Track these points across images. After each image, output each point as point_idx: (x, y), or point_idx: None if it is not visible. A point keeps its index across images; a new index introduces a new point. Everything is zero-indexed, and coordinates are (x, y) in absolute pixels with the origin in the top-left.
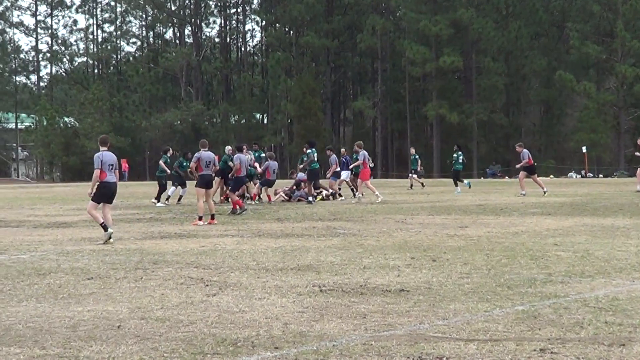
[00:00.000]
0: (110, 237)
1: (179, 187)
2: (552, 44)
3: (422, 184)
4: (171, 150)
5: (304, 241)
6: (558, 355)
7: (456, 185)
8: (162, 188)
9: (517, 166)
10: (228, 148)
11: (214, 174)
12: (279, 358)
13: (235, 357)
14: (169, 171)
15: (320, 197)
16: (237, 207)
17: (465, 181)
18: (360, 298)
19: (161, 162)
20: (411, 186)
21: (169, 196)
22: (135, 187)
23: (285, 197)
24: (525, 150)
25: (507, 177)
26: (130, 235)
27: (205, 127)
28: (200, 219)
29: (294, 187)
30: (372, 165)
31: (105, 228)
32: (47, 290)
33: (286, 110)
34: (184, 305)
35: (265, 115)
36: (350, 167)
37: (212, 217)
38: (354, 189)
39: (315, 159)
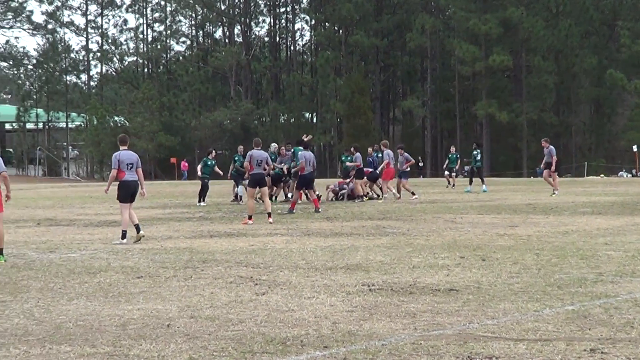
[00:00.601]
0: (122, 242)
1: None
2: (603, 42)
3: (450, 183)
4: (214, 152)
5: (353, 240)
6: (608, 356)
7: (483, 182)
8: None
9: (553, 168)
10: (274, 145)
11: (267, 173)
12: (328, 357)
13: (284, 356)
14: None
15: (368, 197)
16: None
17: (469, 187)
18: (410, 297)
19: (237, 165)
20: (453, 185)
21: (240, 196)
22: (185, 186)
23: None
24: (551, 147)
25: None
26: (180, 234)
27: (255, 126)
28: (249, 218)
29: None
30: (421, 164)
31: (124, 235)
32: (97, 288)
33: (335, 109)
34: (233, 304)
35: (314, 114)
36: (379, 168)
37: (269, 215)
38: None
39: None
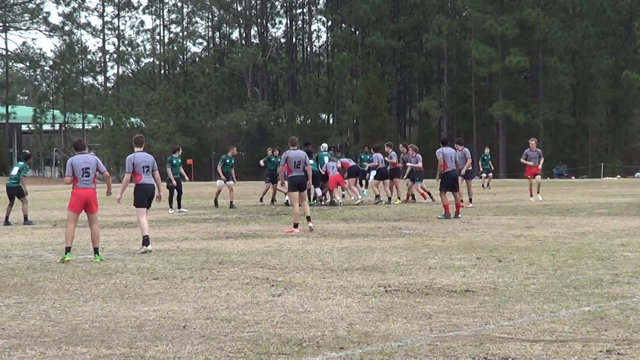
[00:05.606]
0: (146, 251)
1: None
2: (620, 43)
3: (487, 185)
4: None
5: (369, 241)
6: (624, 357)
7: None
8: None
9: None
10: (324, 146)
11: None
12: (344, 358)
13: (300, 357)
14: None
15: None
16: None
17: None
18: (426, 298)
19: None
20: (488, 185)
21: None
22: (201, 188)
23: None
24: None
25: (573, 177)
26: (197, 236)
27: (271, 128)
28: (295, 226)
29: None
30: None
31: (146, 241)
32: (114, 290)
33: (352, 110)
34: (249, 305)
35: (330, 115)
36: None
37: (308, 219)
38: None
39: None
